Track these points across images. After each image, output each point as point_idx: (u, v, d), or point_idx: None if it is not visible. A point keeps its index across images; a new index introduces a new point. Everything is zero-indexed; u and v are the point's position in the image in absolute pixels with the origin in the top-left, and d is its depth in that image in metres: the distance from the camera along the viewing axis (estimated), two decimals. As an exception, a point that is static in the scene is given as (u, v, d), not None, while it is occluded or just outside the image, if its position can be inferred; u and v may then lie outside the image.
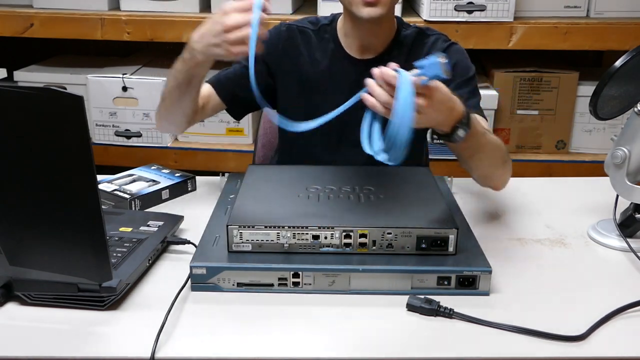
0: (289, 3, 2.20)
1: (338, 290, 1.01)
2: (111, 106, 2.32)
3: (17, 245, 0.95)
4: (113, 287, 0.94)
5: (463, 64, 1.38)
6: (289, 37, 1.43)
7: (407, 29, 1.42)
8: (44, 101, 0.82)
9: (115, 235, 1.11)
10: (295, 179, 1.21)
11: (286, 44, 1.42)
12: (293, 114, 1.46)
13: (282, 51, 1.42)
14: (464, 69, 1.38)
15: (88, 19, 2.21)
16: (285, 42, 1.43)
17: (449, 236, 1.02)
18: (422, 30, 1.43)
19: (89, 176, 0.84)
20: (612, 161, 1.18)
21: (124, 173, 1.44)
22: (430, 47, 1.39)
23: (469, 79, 1.37)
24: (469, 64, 1.39)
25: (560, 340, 0.90)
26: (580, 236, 1.23)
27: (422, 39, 1.41)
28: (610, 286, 1.06)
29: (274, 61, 1.43)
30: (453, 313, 0.94)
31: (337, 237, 1.03)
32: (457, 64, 1.36)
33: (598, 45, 2.17)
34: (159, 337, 0.88)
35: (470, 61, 1.40)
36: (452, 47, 1.40)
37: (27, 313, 0.95)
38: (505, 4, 2.09)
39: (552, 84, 2.24)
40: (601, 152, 2.27)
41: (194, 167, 2.30)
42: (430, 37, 1.41)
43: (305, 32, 1.43)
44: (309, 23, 1.44)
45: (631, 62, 1.11)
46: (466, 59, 1.40)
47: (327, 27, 1.43)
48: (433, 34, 1.42)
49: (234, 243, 1.03)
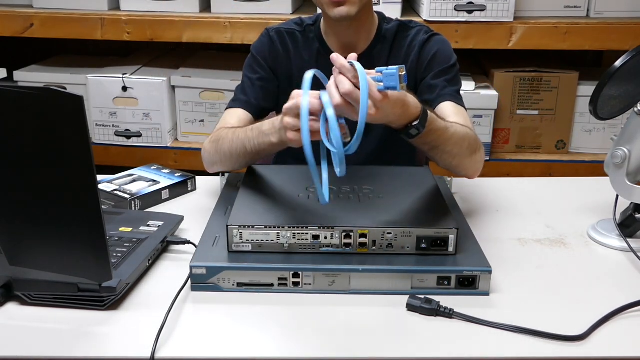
0: (289, 3, 2.21)
1: (338, 290, 1.01)
2: (111, 106, 2.32)
3: (17, 245, 0.95)
4: (113, 287, 0.94)
5: (443, 53, 1.39)
6: (278, 41, 1.45)
7: (389, 24, 1.43)
8: (44, 101, 0.82)
9: (115, 235, 1.11)
10: (295, 179, 1.21)
11: (277, 47, 1.44)
12: None
13: (276, 55, 1.44)
14: (444, 58, 1.38)
15: (88, 19, 2.21)
16: (276, 45, 1.45)
17: (449, 236, 1.02)
18: (404, 23, 1.44)
19: (89, 176, 0.84)
20: (612, 161, 1.18)
21: (124, 173, 1.44)
22: (412, 39, 1.41)
23: (447, 68, 1.38)
24: (448, 54, 1.40)
25: (560, 340, 0.90)
26: (580, 236, 1.23)
27: (404, 32, 1.42)
28: (610, 286, 1.06)
29: (272, 66, 1.45)
30: (453, 313, 0.94)
31: (337, 237, 1.03)
32: (436, 53, 1.38)
33: (598, 45, 2.17)
34: (159, 337, 0.88)
35: (452, 51, 1.41)
36: (433, 38, 1.41)
37: (27, 313, 0.95)
38: (505, 4, 2.09)
39: (552, 84, 2.24)
40: (601, 152, 2.27)
41: (194, 167, 2.29)
42: (412, 30, 1.42)
43: (292, 34, 1.45)
44: (295, 24, 1.46)
45: (631, 62, 1.10)
46: (447, 49, 1.40)
47: (311, 27, 1.45)
48: (415, 27, 1.43)
49: (234, 243, 1.03)
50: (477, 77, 2.30)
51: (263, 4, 2.21)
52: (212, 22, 2.19)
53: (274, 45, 1.44)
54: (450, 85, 1.37)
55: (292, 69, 1.44)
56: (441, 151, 1.18)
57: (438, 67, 1.37)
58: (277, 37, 1.44)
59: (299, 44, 1.44)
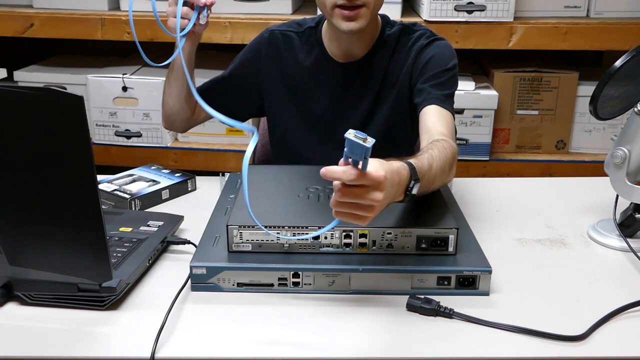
0: (289, 3, 2.21)
1: (338, 290, 1.01)
2: (111, 106, 2.32)
3: (17, 245, 0.95)
4: (113, 287, 0.94)
5: (438, 57, 1.35)
6: (271, 42, 1.45)
7: (392, 28, 1.41)
8: (44, 101, 0.82)
9: (115, 235, 1.11)
10: (295, 179, 1.21)
11: (269, 48, 1.45)
12: (282, 116, 1.48)
13: (266, 56, 1.45)
14: (438, 62, 1.34)
15: (88, 19, 2.21)
16: (267, 47, 1.45)
17: (449, 236, 1.02)
18: (407, 27, 1.41)
19: (89, 176, 0.84)
20: (612, 161, 1.18)
21: (124, 173, 1.44)
22: (412, 44, 1.38)
23: (440, 72, 1.33)
24: (445, 58, 1.35)
25: (560, 340, 0.90)
26: (580, 236, 1.23)
27: (407, 35, 1.40)
28: (610, 286, 1.06)
29: (257, 67, 1.45)
30: (453, 313, 0.94)
31: (337, 237, 1.03)
32: (431, 58, 1.35)
33: (598, 45, 2.17)
34: (159, 337, 0.88)
35: (451, 56, 1.36)
36: (434, 43, 1.37)
37: (27, 313, 0.95)
38: (505, 4, 2.09)
39: (552, 84, 2.24)
40: (601, 152, 2.27)
41: (194, 167, 2.30)
42: (414, 34, 1.40)
43: (288, 36, 1.45)
44: (296, 25, 1.46)
45: (631, 62, 1.10)
46: (445, 53, 1.36)
47: (312, 30, 1.44)
48: (418, 30, 1.40)
49: (234, 243, 1.03)
50: (477, 77, 2.30)
51: (263, 4, 2.21)
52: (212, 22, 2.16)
53: (260, 47, 1.45)
54: (438, 89, 1.32)
55: (284, 69, 1.44)
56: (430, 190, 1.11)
57: (431, 71, 1.34)
58: (269, 39, 1.45)
59: (294, 45, 1.44)
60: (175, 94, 1.42)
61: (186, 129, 1.51)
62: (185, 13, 1.25)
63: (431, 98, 1.30)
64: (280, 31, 1.46)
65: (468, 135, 2.23)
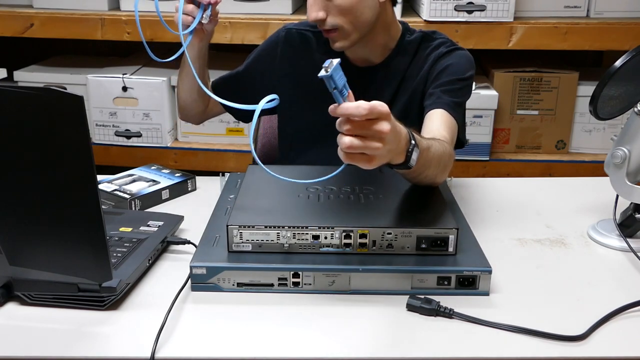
0: (289, 3, 2.21)
1: (338, 290, 1.01)
2: (111, 106, 2.32)
3: (17, 245, 0.95)
4: (113, 287, 0.94)
5: (454, 66, 1.34)
6: (287, 41, 1.45)
7: (412, 35, 1.40)
8: (44, 101, 0.82)
9: (115, 235, 1.11)
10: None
11: (285, 47, 1.45)
12: (293, 115, 1.48)
13: (281, 54, 1.44)
14: (454, 71, 1.34)
15: (88, 19, 2.21)
16: (284, 45, 1.45)
17: (449, 236, 1.02)
18: (427, 34, 1.41)
19: (89, 176, 0.83)
20: (612, 161, 1.18)
21: (124, 173, 1.44)
22: (430, 51, 1.38)
23: (454, 80, 1.33)
24: (461, 68, 1.35)
25: (560, 340, 0.90)
26: (580, 236, 1.23)
27: (427, 42, 1.39)
28: (610, 286, 1.06)
29: (271, 65, 1.45)
30: (453, 313, 0.94)
31: (337, 237, 1.03)
32: (448, 66, 1.34)
33: (598, 45, 2.17)
34: (159, 337, 0.88)
35: (468, 67, 1.36)
36: (453, 53, 1.37)
37: (27, 313, 0.95)
38: (505, 4, 2.09)
39: (552, 84, 2.24)
40: (601, 152, 2.27)
41: (194, 167, 2.30)
42: (434, 42, 1.39)
43: (305, 35, 1.44)
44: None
45: (631, 62, 1.10)
46: (462, 64, 1.35)
47: None
48: (438, 38, 1.40)
49: (234, 243, 1.03)
50: (477, 77, 2.28)
51: (263, 4, 2.21)
52: (212, 22, 2.19)
53: (276, 45, 1.45)
54: (449, 95, 1.31)
55: (299, 69, 1.43)
56: (424, 177, 1.11)
57: (445, 78, 1.33)
58: (285, 37, 1.45)
59: (311, 45, 1.43)
60: (187, 88, 1.45)
61: (201, 121, 1.56)
62: (191, 11, 1.27)
63: (440, 102, 1.30)
64: (297, 30, 1.45)
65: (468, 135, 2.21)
